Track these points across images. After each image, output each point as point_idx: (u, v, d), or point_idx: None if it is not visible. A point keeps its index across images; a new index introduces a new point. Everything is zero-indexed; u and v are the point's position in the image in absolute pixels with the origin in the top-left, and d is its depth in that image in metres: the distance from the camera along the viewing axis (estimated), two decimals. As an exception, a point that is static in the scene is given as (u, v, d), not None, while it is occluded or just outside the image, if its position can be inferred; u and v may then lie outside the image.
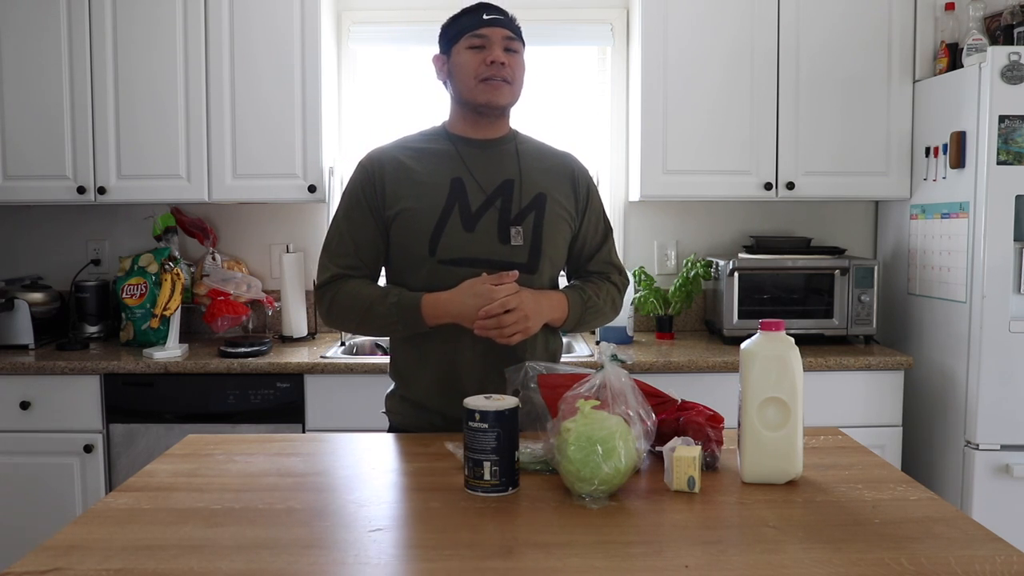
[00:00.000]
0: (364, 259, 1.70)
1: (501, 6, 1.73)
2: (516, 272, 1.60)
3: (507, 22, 1.69)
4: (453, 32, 1.69)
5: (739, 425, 1.35)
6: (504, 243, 1.66)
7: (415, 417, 1.73)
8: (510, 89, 1.68)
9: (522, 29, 1.73)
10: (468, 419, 1.29)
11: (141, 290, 2.93)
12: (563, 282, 1.82)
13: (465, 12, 1.70)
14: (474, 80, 1.65)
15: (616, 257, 1.86)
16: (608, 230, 1.84)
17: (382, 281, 1.76)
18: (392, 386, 1.80)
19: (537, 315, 1.61)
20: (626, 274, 1.87)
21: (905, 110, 2.90)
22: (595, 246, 1.82)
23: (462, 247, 1.64)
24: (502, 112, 1.72)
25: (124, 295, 2.95)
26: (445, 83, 1.74)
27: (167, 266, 2.88)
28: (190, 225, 3.07)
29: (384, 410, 1.81)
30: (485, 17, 1.66)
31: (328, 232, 1.74)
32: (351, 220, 1.70)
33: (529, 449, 1.40)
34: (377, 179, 1.69)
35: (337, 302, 1.68)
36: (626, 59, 3.21)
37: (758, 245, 3.00)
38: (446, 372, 1.67)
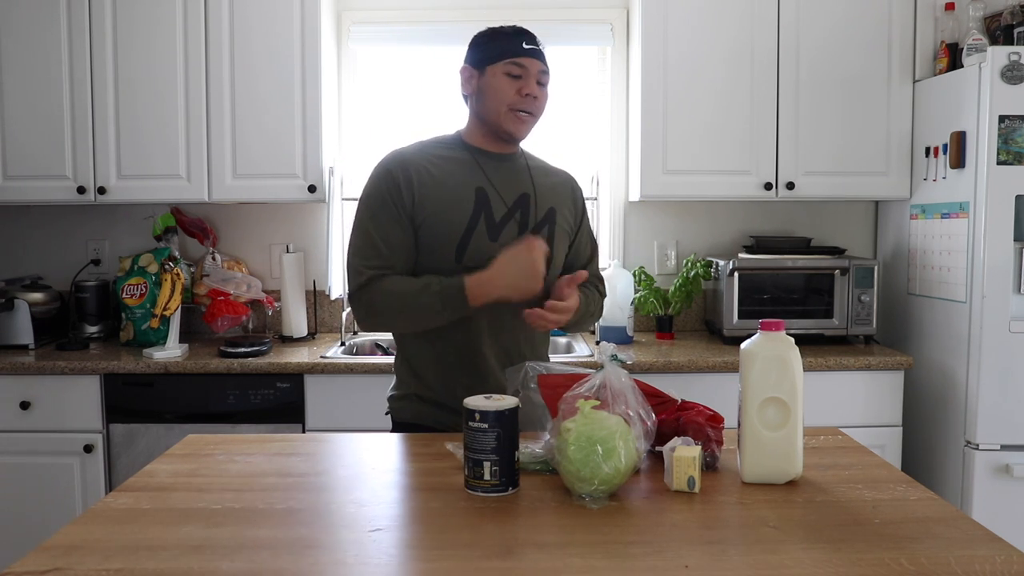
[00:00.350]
0: (397, 258, 1.68)
1: (528, 27, 1.76)
2: (541, 239, 1.64)
3: (543, 54, 1.73)
4: (492, 52, 1.70)
5: (739, 425, 1.35)
6: None
7: (431, 414, 1.73)
8: (534, 122, 1.74)
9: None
10: (468, 419, 1.29)
11: (141, 290, 2.93)
12: None
13: (504, 33, 1.72)
14: (506, 108, 1.69)
15: (597, 270, 1.96)
16: (595, 246, 1.96)
17: None
18: (396, 386, 1.80)
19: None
20: (604, 286, 1.99)
21: (905, 110, 2.90)
22: (584, 261, 1.90)
23: (486, 255, 1.66)
24: (521, 141, 1.79)
25: (124, 295, 2.95)
26: (468, 96, 1.76)
27: (167, 266, 2.88)
28: (190, 225, 3.07)
29: (387, 411, 1.81)
30: (526, 46, 1.69)
31: (352, 239, 1.71)
32: (378, 221, 1.69)
33: (529, 449, 1.40)
34: (403, 182, 1.69)
35: (376, 303, 1.66)
36: (626, 59, 3.21)
37: (758, 245, 3.00)
38: (467, 369, 1.71)
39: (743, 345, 1.35)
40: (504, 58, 1.68)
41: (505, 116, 1.70)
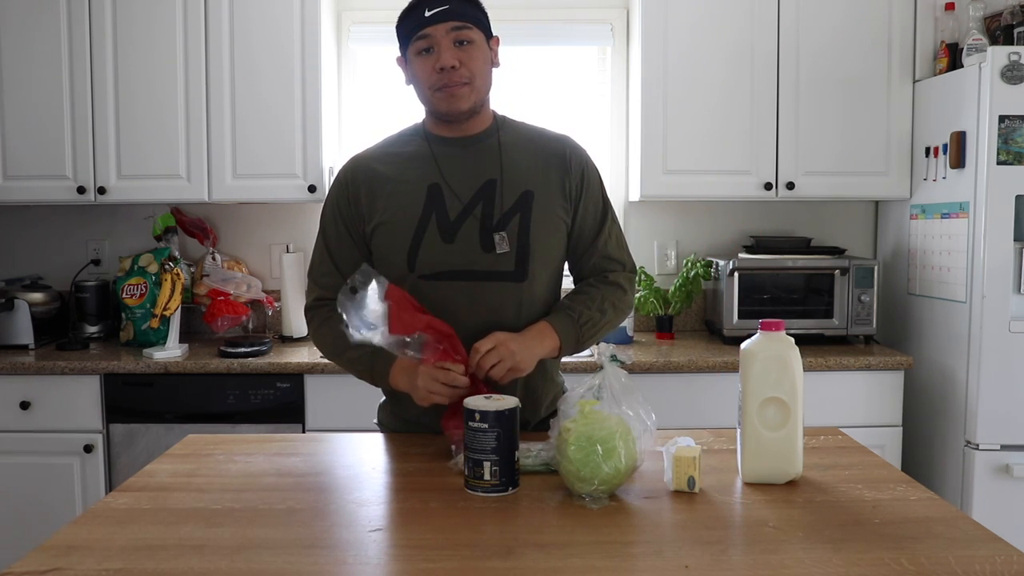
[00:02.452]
0: (347, 275, 1.57)
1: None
2: (481, 362, 1.46)
3: (451, 11, 1.50)
4: (402, 33, 1.56)
5: (739, 425, 1.35)
6: (488, 251, 1.53)
7: (404, 431, 1.66)
8: (470, 89, 1.53)
9: (481, 5, 1.56)
10: (468, 419, 1.29)
11: (141, 290, 2.93)
12: (568, 282, 1.71)
13: (410, 9, 1.54)
14: (430, 90, 1.54)
15: (615, 249, 1.66)
16: (605, 216, 1.65)
17: None
18: (384, 398, 1.74)
19: (525, 348, 1.49)
20: (632, 265, 1.69)
21: (905, 110, 2.90)
22: (590, 236, 1.64)
23: (442, 260, 1.53)
24: (469, 116, 1.58)
25: (124, 295, 2.95)
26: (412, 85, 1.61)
27: (167, 266, 2.88)
28: (190, 225, 3.07)
29: (376, 421, 1.76)
30: (427, 13, 1.49)
31: (313, 250, 1.68)
32: (328, 237, 1.63)
33: (532, 451, 1.39)
34: (351, 192, 1.60)
35: (320, 334, 1.63)
36: (626, 59, 3.20)
37: (758, 245, 3.00)
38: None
39: (743, 345, 1.35)
40: (412, 36, 1.52)
41: (433, 98, 1.54)
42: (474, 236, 1.54)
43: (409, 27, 1.53)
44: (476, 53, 1.53)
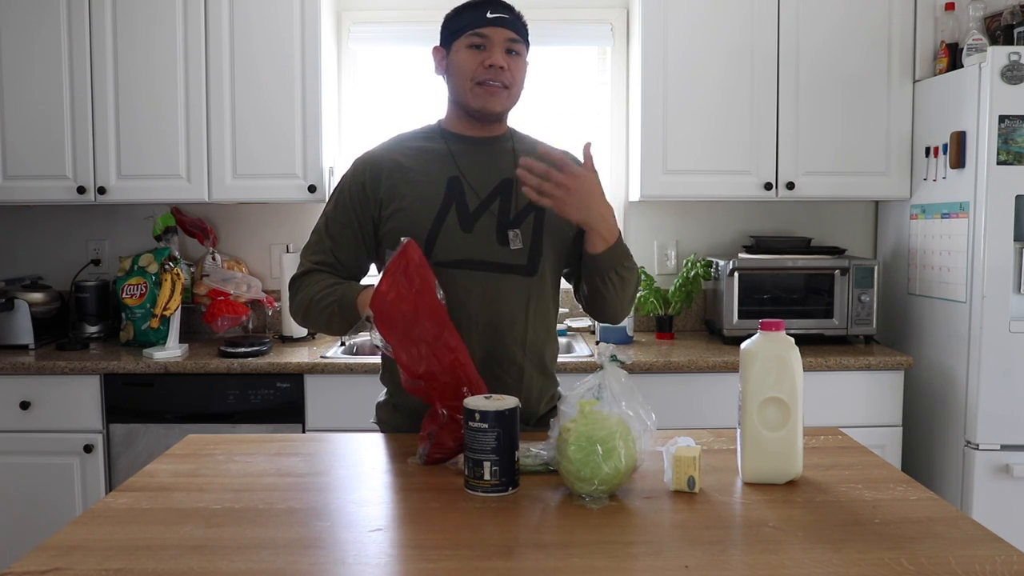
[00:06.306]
0: (340, 259, 1.65)
1: (508, 2, 1.65)
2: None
3: (511, 21, 1.61)
4: (455, 27, 1.62)
5: (739, 425, 1.35)
6: (503, 245, 1.60)
7: (408, 428, 1.66)
8: (507, 94, 1.62)
9: (528, 28, 1.66)
10: (468, 419, 1.29)
11: (141, 290, 2.93)
12: (565, 284, 1.77)
13: (469, 6, 1.62)
14: (470, 82, 1.60)
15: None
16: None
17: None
18: (384, 395, 1.74)
19: (598, 202, 1.57)
20: (638, 273, 1.73)
21: (905, 110, 2.90)
22: None
23: (460, 248, 1.58)
24: (497, 118, 1.66)
25: (124, 295, 2.95)
26: (443, 76, 1.68)
27: (167, 266, 2.88)
28: (190, 225, 3.07)
29: (374, 420, 1.76)
30: (489, 15, 1.59)
31: (311, 233, 1.70)
32: (332, 219, 1.66)
33: (532, 451, 1.39)
34: (368, 181, 1.64)
35: (297, 294, 1.64)
36: (626, 59, 3.21)
37: (758, 245, 3.00)
38: None
39: (743, 345, 1.35)
40: (466, 31, 1.59)
41: (471, 92, 1.60)
42: (491, 229, 1.60)
43: (466, 22, 1.60)
44: (521, 65, 1.64)
